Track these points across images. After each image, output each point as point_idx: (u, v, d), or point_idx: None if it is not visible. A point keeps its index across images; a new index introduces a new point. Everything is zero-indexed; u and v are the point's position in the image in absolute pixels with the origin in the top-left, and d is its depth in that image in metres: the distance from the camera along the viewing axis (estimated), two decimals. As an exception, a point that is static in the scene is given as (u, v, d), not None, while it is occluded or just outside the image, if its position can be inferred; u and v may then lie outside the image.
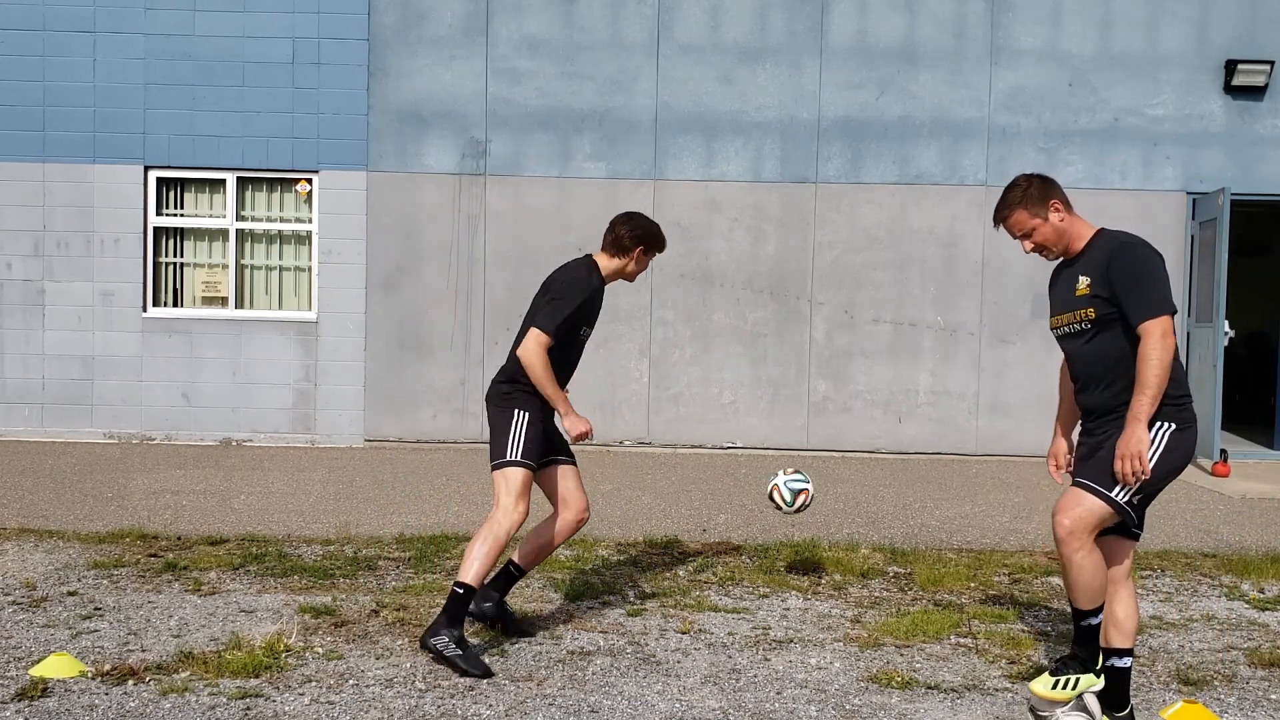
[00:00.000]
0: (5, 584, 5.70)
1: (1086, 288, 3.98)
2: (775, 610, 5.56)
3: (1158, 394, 3.82)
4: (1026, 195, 4.08)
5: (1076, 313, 4.03)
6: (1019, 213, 4.09)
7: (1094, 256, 4.02)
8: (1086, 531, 3.89)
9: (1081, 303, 4.00)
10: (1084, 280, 4.00)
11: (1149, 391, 3.81)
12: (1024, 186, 4.10)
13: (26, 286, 10.86)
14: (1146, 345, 3.82)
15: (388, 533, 7.08)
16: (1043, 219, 4.07)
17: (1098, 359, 4.00)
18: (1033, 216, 4.07)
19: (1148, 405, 3.81)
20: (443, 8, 10.86)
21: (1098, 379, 4.02)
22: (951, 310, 10.97)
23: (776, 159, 10.92)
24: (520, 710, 4.19)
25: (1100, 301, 3.95)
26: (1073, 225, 4.10)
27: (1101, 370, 3.99)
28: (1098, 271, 3.96)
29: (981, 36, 10.90)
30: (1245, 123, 10.91)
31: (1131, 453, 3.79)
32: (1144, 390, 3.81)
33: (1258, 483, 9.74)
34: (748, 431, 11.00)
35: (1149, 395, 3.81)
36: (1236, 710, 4.36)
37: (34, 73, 10.75)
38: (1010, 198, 4.11)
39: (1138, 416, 3.80)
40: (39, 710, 4.08)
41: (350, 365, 10.92)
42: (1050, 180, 4.15)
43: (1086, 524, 3.89)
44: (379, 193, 10.89)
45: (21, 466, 9.29)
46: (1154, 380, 3.80)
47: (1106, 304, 3.94)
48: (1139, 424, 3.80)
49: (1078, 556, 3.88)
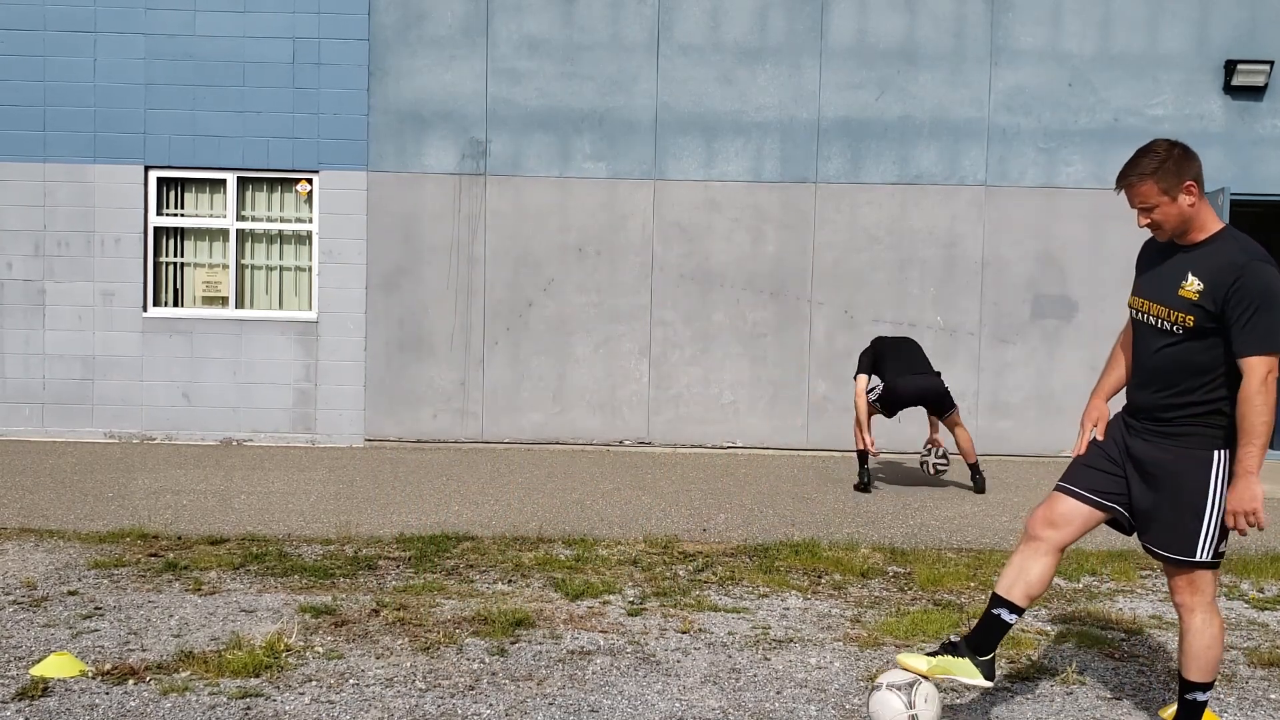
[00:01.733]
0: (6, 584, 5.71)
1: (1196, 293, 3.57)
2: (775, 610, 5.56)
3: (1266, 441, 3.51)
4: (1163, 167, 3.60)
5: (1173, 313, 3.63)
6: (1149, 184, 3.62)
7: (1215, 260, 3.58)
8: (1207, 599, 3.69)
9: (1183, 305, 3.60)
10: (1195, 282, 3.58)
11: (1258, 441, 3.49)
12: (1162, 156, 3.62)
13: (27, 286, 10.87)
14: (1250, 386, 3.47)
15: (388, 533, 7.08)
16: (1172, 198, 3.61)
17: (1175, 366, 3.64)
18: (1163, 193, 3.61)
19: (1257, 456, 3.50)
20: (443, 8, 10.87)
21: (1169, 385, 3.67)
22: (951, 310, 10.97)
23: (776, 159, 10.93)
24: (520, 710, 4.19)
25: (1204, 314, 3.55)
26: (1201, 212, 3.64)
27: (1175, 378, 3.64)
28: (1216, 280, 3.53)
29: (981, 36, 10.90)
30: (1245, 123, 10.91)
31: (1246, 510, 3.51)
32: (1252, 440, 3.49)
33: (1258, 483, 9.72)
34: (748, 431, 11.01)
35: (1258, 445, 3.49)
36: (1236, 710, 4.36)
37: (34, 73, 10.75)
38: (1144, 165, 3.64)
39: (1250, 470, 3.49)
40: (39, 710, 4.08)
41: (350, 365, 10.93)
42: (1193, 155, 3.65)
43: (1206, 594, 3.69)
44: (379, 193, 10.89)
45: (22, 466, 9.30)
46: (1262, 428, 3.48)
47: (1210, 318, 3.55)
48: (1252, 478, 3.49)
49: (1197, 620, 3.71)
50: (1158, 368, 3.67)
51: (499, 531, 7.11)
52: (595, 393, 10.96)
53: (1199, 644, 3.68)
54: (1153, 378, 3.69)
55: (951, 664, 3.81)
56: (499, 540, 6.91)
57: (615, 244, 10.95)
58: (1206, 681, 3.72)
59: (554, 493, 8.65)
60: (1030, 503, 8.61)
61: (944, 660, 3.82)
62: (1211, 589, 3.67)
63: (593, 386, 10.97)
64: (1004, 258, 10.88)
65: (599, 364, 10.95)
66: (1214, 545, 3.62)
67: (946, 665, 3.81)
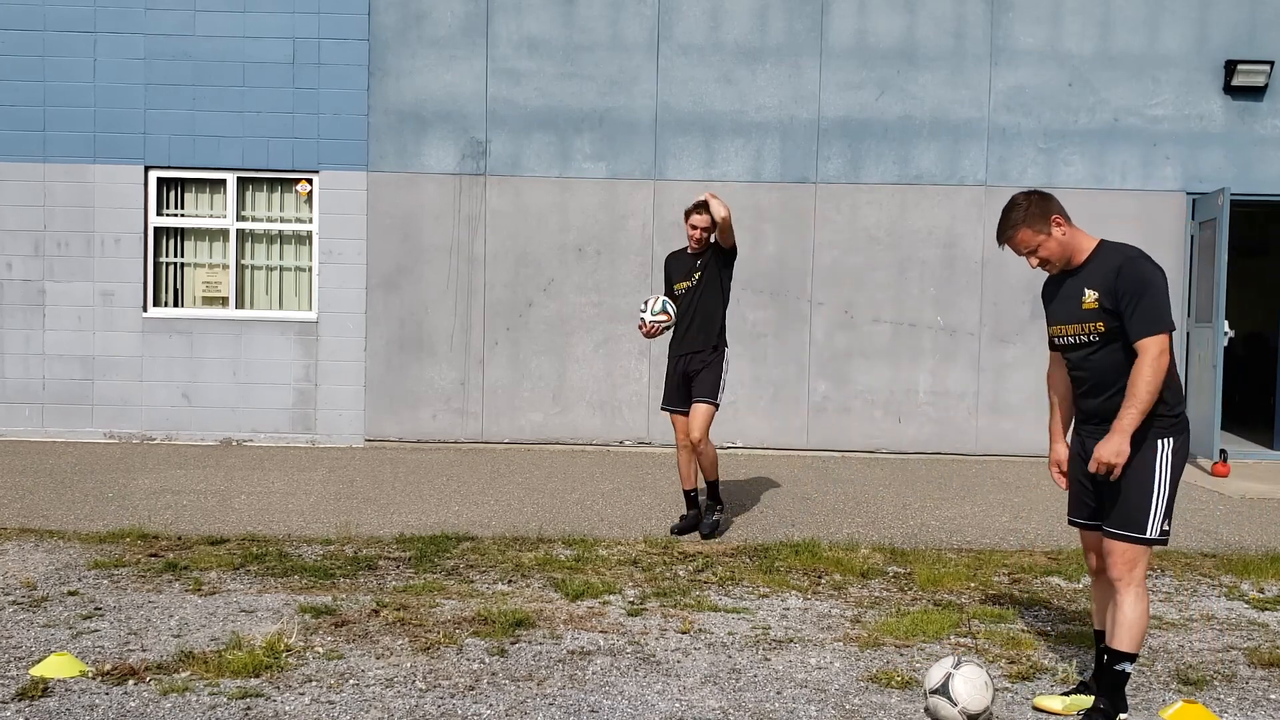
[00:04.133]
0: (5, 584, 5.71)
1: (1095, 301, 4.08)
2: (775, 610, 5.56)
3: (1145, 409, 3.98)
4: (1028, 214, 4.16)
5: (1085, 325, 4.13)
6: (1023, 231, 4.17)
7: (1099, 270, 4.10)
8: (1141, 576, 4.12)
9: (1090, 316, 4.10)
10: (1090, 294, 4.09)
11: (1138, 406, 3.97)
12: (1024, 205, 4.18)
13: (27, 286, 10.87)
14: (1142, 361, 3.97)
15: (388, 533, 7.08)
16: (1046, 234, 4.16)
17: (1108, 368, 4.11)
18: (1036, 234, 4.16)
19: (1133, 419, 3.97)
20: (443, 8, 10.87)
21: (1106, 386, 4.12)
22: (951, 310, 10.97)
23: (776, 159, 10.93)
24: (520, 710, 4.19)
25: (1109, 315, 4.05)
26: (1074, 238, 4.20)
27: (1113, 378, 4.10)
28: (1105, 285, 4.05)
29: (981, 36, 10.90)
30: (1245, 123, 10.91)
31: (1106, 460, 3.99)
32: (1132, 404, 3.97)
33: (1257, 483, 9.74)
34: (748, 431, 11.01)
35: (1137, 409, 3.97)
36: (1236, 710, 4.36)
37: (34, 73, 10.75)
38: (1013, 217, 4.18)
39: (1123, 429, 3.98)
40: (39, 710, 4.08)
41: (350, 365, 10.93)
42: (1049, 195, 4.23)
43: (1141, 571, 4.12)
44: (379, 193, 10.89)
45: (22, 466, 9.30)
46: (1145, 396, 3.96)
47: (1114, 317, 4.04)
48: (1124, 436, 3.98)
49: (1131, 595, 4.09)
50: (1091, 373, 4.16)
51: (499, 532, 7.11)
52: (595, 393, 10.96)
53: (1133, 615, 4.08)
54: (1092, 385, 4.18)
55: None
56: (499, 540, 6.91)
57: (615, 244, 10.95)
58: (1134, 652, 4.12)
59: (554, 493, 8.65)
60: (1030, 502, 8.62)
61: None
62: (1145, 568, 4.13)
63: (593, 386, 10.97)
64: (1004, 258, 10.86)
65: (599, 364, 10.95)
66: (1161, 524, 4.08)
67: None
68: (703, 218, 6.97)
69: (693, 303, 7.07)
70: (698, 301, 7.05)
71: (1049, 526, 7.67)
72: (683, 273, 7.18)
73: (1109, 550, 4.12)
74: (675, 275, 7.25)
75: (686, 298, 7.10)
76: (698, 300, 7.05)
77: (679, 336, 7.13)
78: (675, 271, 7.26)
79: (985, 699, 4.04)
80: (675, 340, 7.17)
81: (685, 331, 7.09)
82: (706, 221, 6.98)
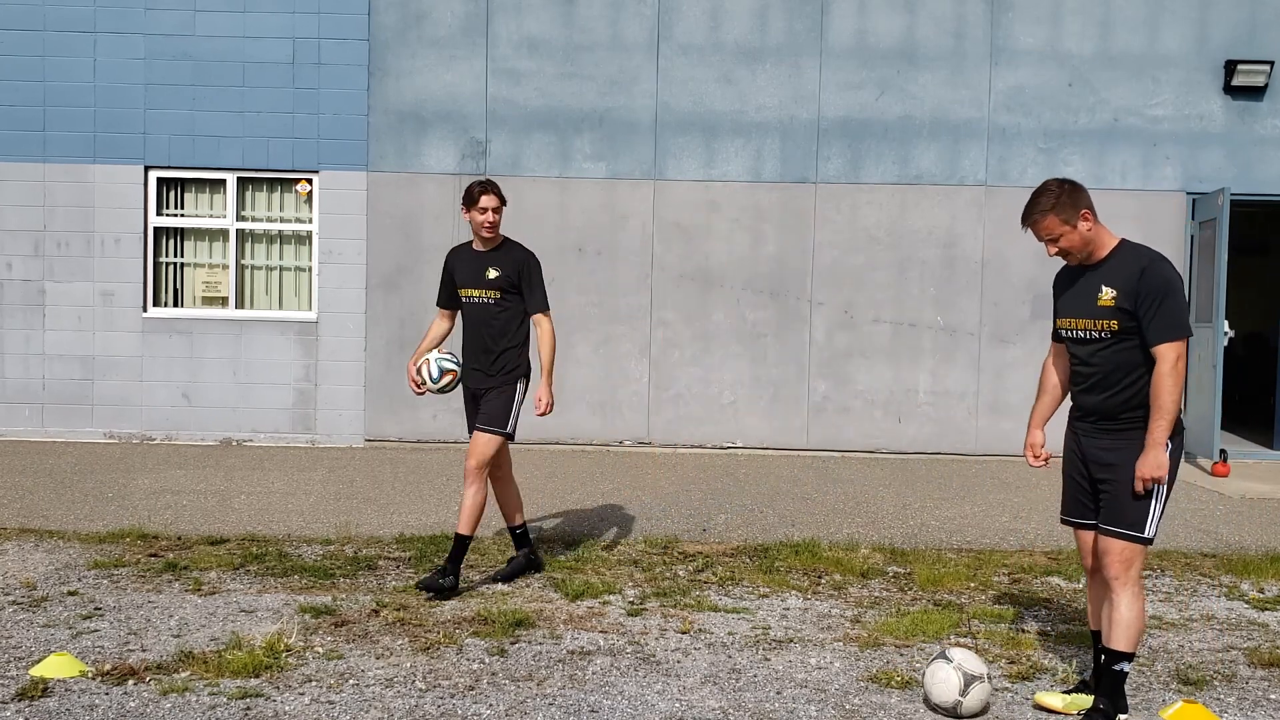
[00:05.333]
0: (5, 584, 5.71)
1: (1111, 299, 4.09)
2: (775, 610, 5.56)
3: (1173, 419, 4.01)
4: (1059, 202, 4.12)
5: (1098, 322, 4.13)
6: (1050, 218, 4.14)
7: (1120, 269, 4.11)
8: (1137, 575, 4.14)
9: (1105, 313, 4.11)
10: (1109, 291, 4.10)
11: (1167, 416, 3.99)
12: (1056, 192, 4.14)
13: (26, 286, 10.86)
14: (1162, 369, 3.99)
15: (388, 533, 7.08)
16: (1072, 226, 4.13)
17: (1114, 367, 4.13)
18: (1063, 223, 4.13)
19: (1164, 429, 4.00)
20: (443, 8, 10.87)
21: (1108, 385, 4.15)
22: (951, 310, 10.97)
23: (776, 159, 10.92)
24: (520, 710, 4.19)
25: (1125, 315, 4.06)
26: (1098, 234, 4.18)
27: (1117, 377, 4.12)
28: (1126, 286, 4.05)
29: (981, 36, 10.90)
30: (1245, 123, 10.91)
31: (1151, 476, 4.01)
32: (1162, 415, 3.99)
33: (1257, 483, 9.74)
34: (748, 431, 11.01)
35: (1167, 420, 3.99)
36: (1236, 710, 4.36)
37: (34, 73, 10.75)
38: (1042, 203, 4.15)
39: (1158, 441, 4.00)
40: (39, 710, 4.08)
41: (350, 365, 10.92)
42: (1082, 188, 4.19)
43: (1137, 570, 4.14)
44: (379, 193, 10.89)
45: (21, 466, 9.30)
46: (1171, 405, 3.99)
47: (1130, 318, 4.05)
48: (1160, 449, 4.00)
49: (1127, 595, 4.11)
50: (1096, 371, 4.18)
51: (499, 531, 7.11)
52: (595, 393, 10.96)
53: (1130, 615, 4.09)
54: (1094, 381, 4.19)
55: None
56: (499, 540, 6.91)
57: (615, 244, 10.94)
58: (1132, 652, 4.13)
59: (554, 493, 8.65)
60: (1030, 503, 8.62)
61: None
62: (1141, 567, 4.16)
63: (592, 386, 10.96)
64: (1004, 258, 10.87)
65: (599, 364, 10.95)
66: (1158, 524, 4.11)
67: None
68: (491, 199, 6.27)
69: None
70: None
71: (1049, 526, 7.67)
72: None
73: (1106, 549, 4.14)
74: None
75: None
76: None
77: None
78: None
79: (982, 667, 4.20)
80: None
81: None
82: (496, 203, 6.32)
